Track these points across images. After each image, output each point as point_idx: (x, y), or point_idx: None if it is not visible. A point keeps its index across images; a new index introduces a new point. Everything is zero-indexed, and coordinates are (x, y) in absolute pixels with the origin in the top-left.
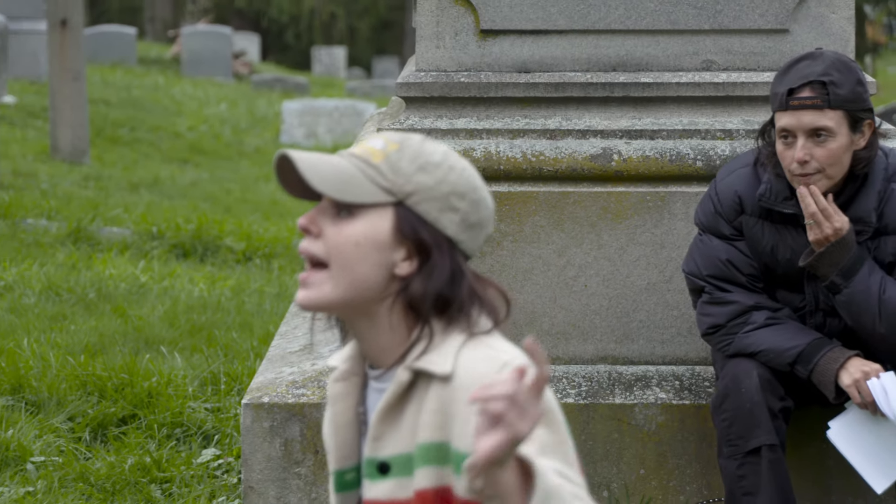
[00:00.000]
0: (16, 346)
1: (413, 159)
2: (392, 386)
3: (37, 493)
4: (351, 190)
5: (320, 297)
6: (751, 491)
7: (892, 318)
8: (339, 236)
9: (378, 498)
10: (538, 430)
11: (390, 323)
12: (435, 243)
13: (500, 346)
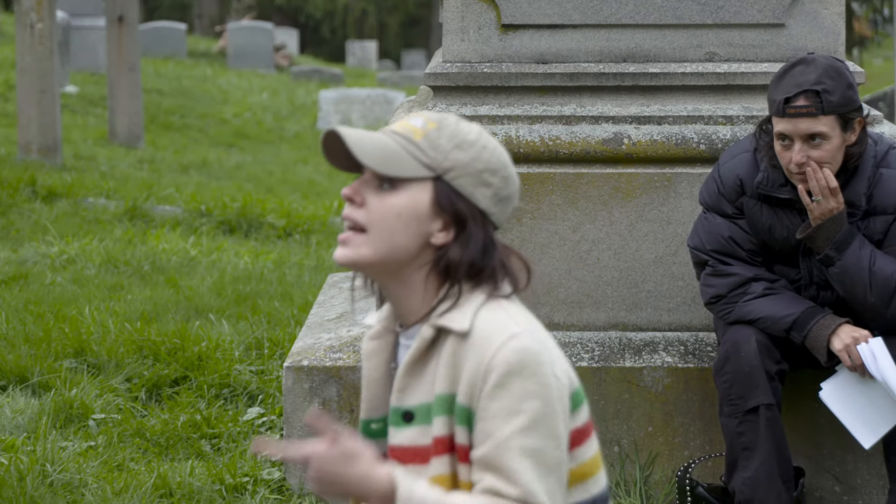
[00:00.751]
0: (78, 313)
1: (451, 137)
2: (416, 341)
3: (98, 447)
4: (394, 164)
5: (357, 257)
6: (749, 446)
7: (881, 287)
8: (383, 206)
9: (402, 444)
10: (525, 407)
11: (423, 286)
12: (470, 215)
13: (515, 314)
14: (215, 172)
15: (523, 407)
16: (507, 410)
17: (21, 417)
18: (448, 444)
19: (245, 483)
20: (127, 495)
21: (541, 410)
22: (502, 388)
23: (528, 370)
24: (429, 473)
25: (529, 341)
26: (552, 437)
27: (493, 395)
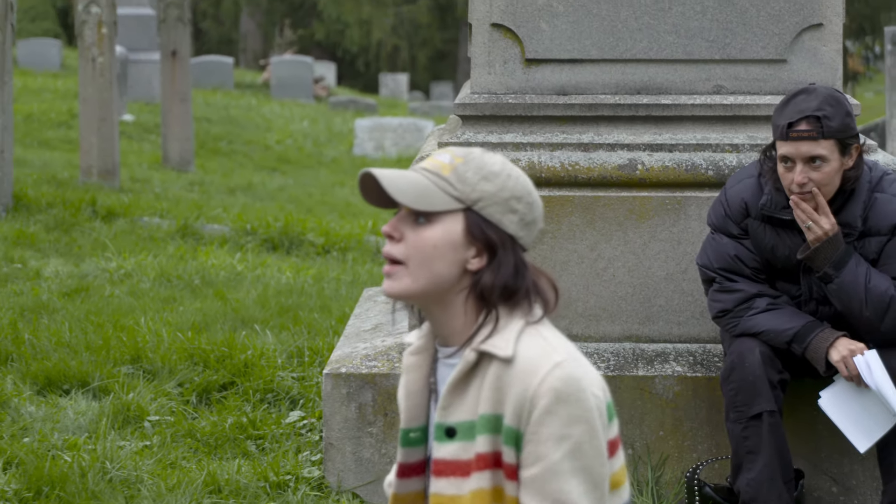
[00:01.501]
0: (135, 323)
1: (477, 170)
2: (460, 364)
3: (153, 447)
4: (427, 200)
5: (402, 289)
6: (753, 450)
7: (875, 303)
8: (420, 240)
9: (445, 457)
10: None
11: (463, 309)
12: (500, 241)
13: (553, 341)
14: (259, 194)
15: (570, 432)
16: (557, 436)
17: (83, 419)
18: (491, 460)
19: (287, 481)
20: (179, 491)
21: (586, 433)
22: (550, 414)
23: (573, 397)
24: (469, 487)
25: (572, 369)
26: (597, 455)
27: (541, 421)
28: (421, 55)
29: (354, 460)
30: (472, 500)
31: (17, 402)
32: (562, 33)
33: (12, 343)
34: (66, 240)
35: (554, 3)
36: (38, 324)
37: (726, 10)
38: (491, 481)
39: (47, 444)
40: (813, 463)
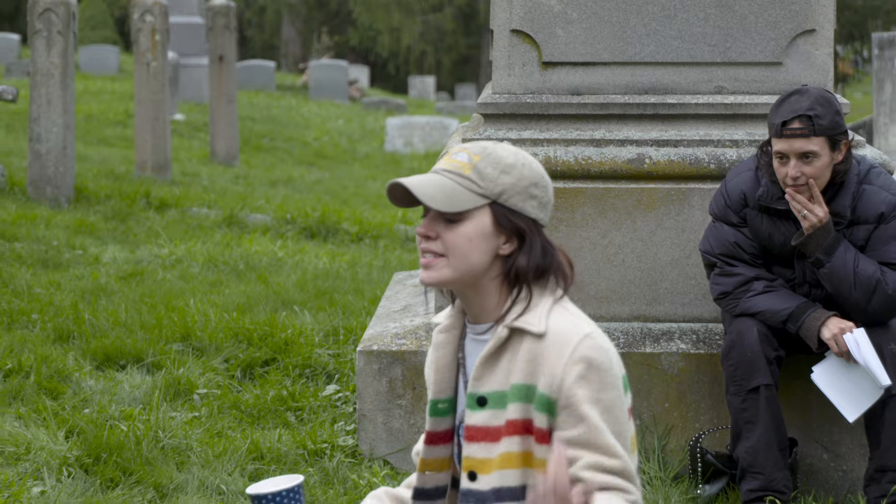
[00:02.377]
0: (185, 304)
1: (495, 165)
2: (492, 340)
3: (201, 418)
4: (456, 202)
5: (441, 278)
6: (751, 420)
7: (863, 285)
8: (455, 236)
9: (476, 424)
10: (596, 397)
11: (496, 291)
12: (526, 227)
13: (577, 315)
14: (298, 187)
15: (602, 396)
16: (592, 399)
17: (137, 392)
18: (521, 426)
19: (324, 448)
20: (225, 458)
21: (617, 398)
22: (584, 380)
23: (604, 365)
24: (498, 450)
25: (601, 339)
26: (625, 418)
27: (576, 387)
28: (446, 59)
29: (385, 430)
30: (501, 462)
31: (78, 376)
32: (576, 38)
33: (74, 322)
34: (122, 228)
35: (568, 11)
36: (97, 305)
37: (727, 16)
38: (520, 446)
39: (105, 414)
40: (806, 432)
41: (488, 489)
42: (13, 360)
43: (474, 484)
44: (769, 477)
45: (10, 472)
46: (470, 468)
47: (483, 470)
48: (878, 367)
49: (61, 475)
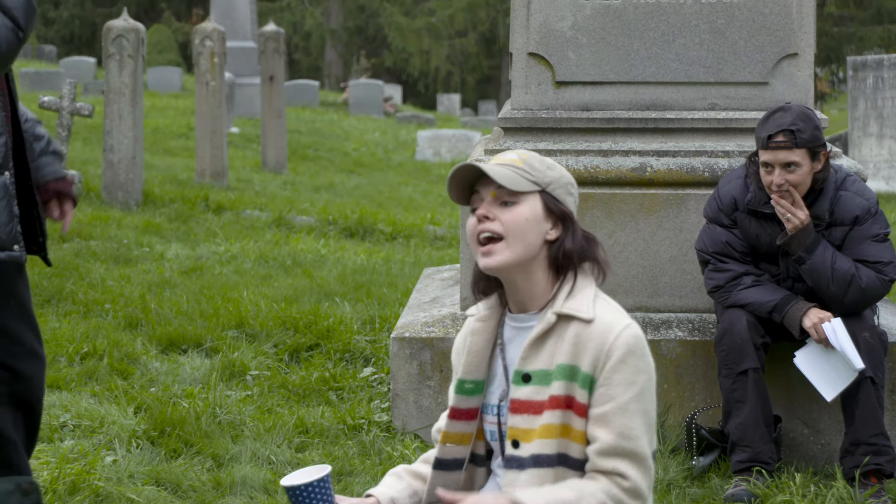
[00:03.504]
0: (238, 296)
1: (541, 163)
2: (541, 324)
3: (253, 396)
4: (517, 184)
5: (503, 260)
6: (740, 399)
7: (840, 280)
8: (513, 216)
9: (520, 398)
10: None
11: (543, 277)
12: (569, 214)
13: (616, 306)
14: (339, 192)
15: (637, 379)
16: (627, 381)
17: (197, 373)
18: (563, 402)
19: (361, 424)
20: (275, 432)
21: (648, 382)
22: (623, 363)
23: (640, 352)
24: (540, 422)
25: (639, 330)
26: (653, 402)
27: (615, 369)
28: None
29: (416, 408)
30: (542, 432)
31: (145, 359)
32: (585, 60)
33: (141, 312)
34: (184, 228)
35: (579, 36)
36: (162, 296)
37: (720, 42)
38: (561, 419)
39: (169, 393)
40: (789, 410)
41: (528, 456)
42: (89, 345)
43: (517, 451)
44: (756, 450)
45: (86, 443)
46: (514, 437)
47: (525, 439)
48: (853, 353)
49: (130, 446)
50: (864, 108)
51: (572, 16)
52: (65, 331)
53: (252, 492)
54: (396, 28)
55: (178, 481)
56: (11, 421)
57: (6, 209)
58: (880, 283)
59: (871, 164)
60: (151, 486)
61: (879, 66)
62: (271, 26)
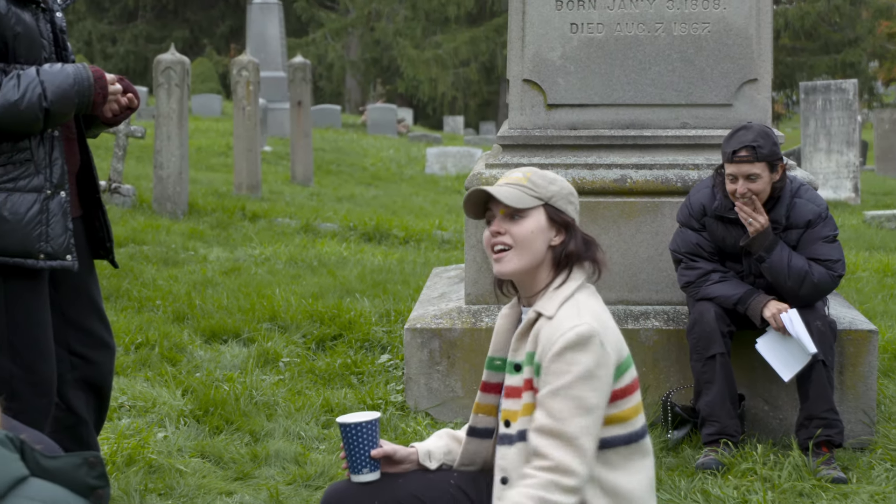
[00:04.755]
0: (272, 293)
1: (543, 178)
2: (525, 321)
3: (285, 380)
4: (522, 202)
5: (513, 268)
6: (710, 380)
7: (795, 276)
8: (521, 229)
9: (512, 384)
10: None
11: (546, 275)
12: (571, 221)
13: (583, 309)
14: (359, 202)
15: (571, 369)
16: (561, 371)
17: (236, 360)
18: (530, 384)
19: (379, 404)
20: (304, 411)
21: (581, 373)
22: (559, 356)
23: (579, 347)
24: (521, 403)
25: (585, 329)
26: (589, 389)
27: (552, 360)
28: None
29: (427, 389)
30: (523, 411)
31: (191, 348)
32: (573, 86)
33: (187, 307)
34: (224, 234)
35: (567, 65)
36: (205, 293)
37: (689, 69)
38: (531, 399)
39: (212, 377)
40: (751, 389)
41: (515, 433)
42: (142, 336)
43: (509, 429)
44: (723, 424)
45: (140, 421)
46: (506, 418)
47: (513, 419)
48: (807, 339)
49: (179, 424)
50: (815, 127)
51: (561, 47)
52: (121, 324)
53: (284, 463)
54: (408, 59)
55: (220, 454)
56: (84, 402)
57: (61, 223)
58: (830, 278)
59: (821, 175)
60: (197, 459)
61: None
62: (299, 58)
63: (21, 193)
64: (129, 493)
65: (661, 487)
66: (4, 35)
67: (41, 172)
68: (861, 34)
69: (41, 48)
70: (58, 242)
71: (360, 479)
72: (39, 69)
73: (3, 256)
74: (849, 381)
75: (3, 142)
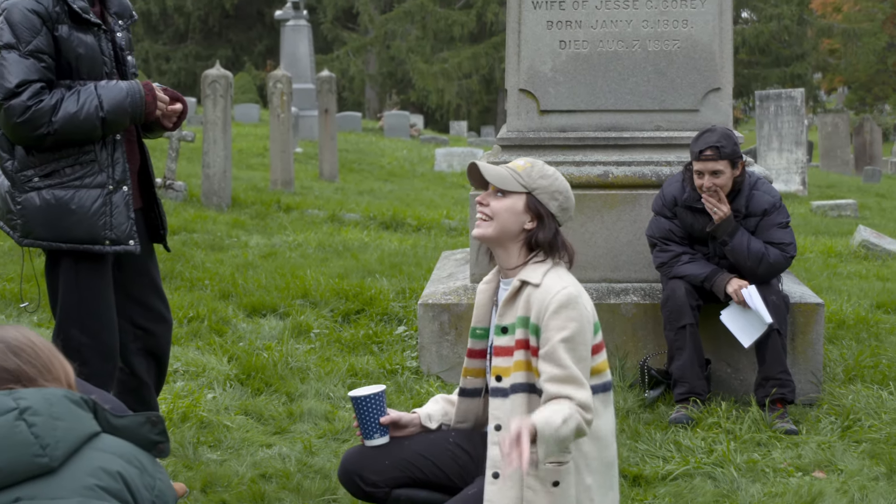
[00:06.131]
0: (303, 274)
1: (538, 172)
2: (510, 288)
3: (315, 348)
4: (505, 183)
5: (482, 234)
6: (680, 347)
7: (753, 258)
8: (499, 205)
9: (500, 345)
10: (564, 325)
11: (517, 254)
12: (545, 214)
13: (564, 277)
14: (377, 195)
15: (567, 325)
16: (559, 327)
17: (273, 331)
18: (523, 344)
19: (397, 368)
20: (332, 375)
21: (577, 327)
22: (556, 314)
23: (571, 305)
24: (513, 361)
25: (571, 291)
26: (583, 343)
27: (550, 318)
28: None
29: (437, 356)
30: (515, 367)
31: (235, 321)
32: (562, 94)
33: (231, 286)
34: (262, 224)
35: (557, 76)
36: (247, 274)
37: (662, 80)
38: (524, 357)
39: (253, 346)
40: (716, 354)
41: (508, 386)
42: (193, 311)
43: (500, 383)
44: (692, 385)
45: (192, 384)
46: (497, 374)
47: (505, 374)
48: (764, 311)
49: (225, 386)
50: (768, 129)
51: (552, 61)
52: (176, 300)
53: (316, 419)
54: (419, 72)
55: (261, 412)
56: (145, 368)
57: (124, 213)
58: (784, 259)
59: (774, 171)
60: (241, 416)
61: (779, 98)
62: (325, 72)
63: (87, 189)
64: (184, 445)
65: (640, 439)
66: (68, 57)
67: (104, 171)
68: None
69: (102, 65)
70: (121, 230)
71: (373, 443)
72: (97, 84)
73: (74, 243)
74: (799, 346)
75: (70, 146)
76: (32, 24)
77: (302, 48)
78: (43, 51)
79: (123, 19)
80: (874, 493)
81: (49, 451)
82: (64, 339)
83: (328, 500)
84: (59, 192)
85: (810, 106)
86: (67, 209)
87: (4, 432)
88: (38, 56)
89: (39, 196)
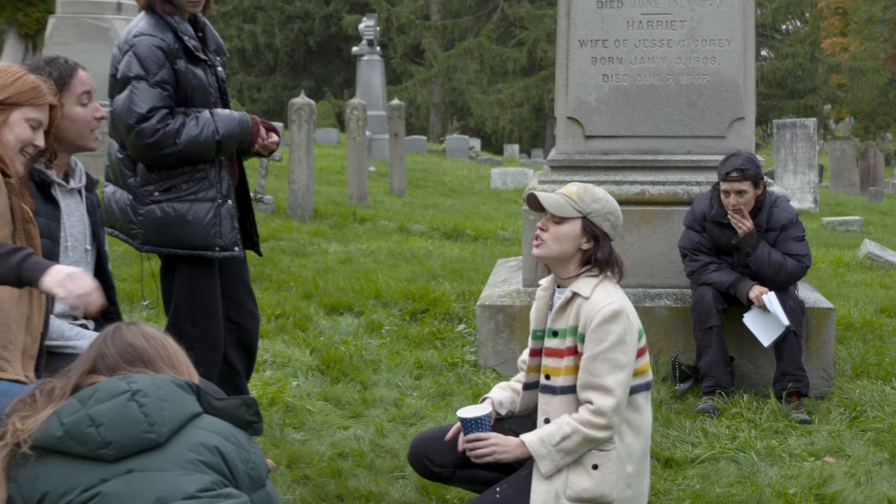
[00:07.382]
0: (376, 277)
1: (590, 196)
2: (562, 298)
3: (386, 343)
4: (562, 210)
5: (541, 254)
6: (708, 346)
7: (773, 267)
8: (556, 231)
9: (551, 346)
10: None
11: (574, 269)
12: (601, 235)
13: (612, 292)
14: (441, 209)
15: (606, 338)
16: (598, 339)
17: (350, 328)
18: (573, 350)
19: (457, 362)
20: (401, 367)
21: (615, 340)
22: (598, 327)
23: (612, 320)
24: (564, 363)
25: (616, 306)
26: (623, 352)
27: (594, 330)
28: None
29: (493, 351)
30: (566, 370)
31: (316, 318)
32: (604, 122)
33: (313, 287)
34: (340, 233)
35: (600, 106)
36: (327, 277)
37: (693, 110)
38: (574, 361)
39: (332, 340)
40: (739, 352)
41: (558, 386)
42: (280, 309)
43: (549, 382)
44: (718, 379)
45: (279, 373)
46: (546, 373)
47: (555, 374)
48: (782, 314)
49: (308, 375)
50: (784, 154)
51: (596, 92)
52: (265, 299)
53: (386, 405)
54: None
55: (339, 398)
56: (237, 358)
57: (230, 224)
58: (800, 268)
59: (790, 191)
60: (322, 401)
61: (794, 126)
62: (395, 101)
63: (201, 203)
64: (271, 427)
65: (671, 426)
66: (185, 87)
67: (213, 186)
68: (818, 84)
69: (209, 95)
70: (228, 238)
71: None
72: (213, 112)
73: (189, 250)
74: (812, 346)
75: (185, 165)
76: (158, 58)
77: (375, 80)
78: (167, 81)
79: (220, 56)
80: (878, 476)
81: (157, 429)
82: (177, 331)
83: (397, 477)
84: (178, 205)
85: (821, 133)
86: (185, 220)
87: (118, 411)
88: (163, 86)
89: (160, 208)
